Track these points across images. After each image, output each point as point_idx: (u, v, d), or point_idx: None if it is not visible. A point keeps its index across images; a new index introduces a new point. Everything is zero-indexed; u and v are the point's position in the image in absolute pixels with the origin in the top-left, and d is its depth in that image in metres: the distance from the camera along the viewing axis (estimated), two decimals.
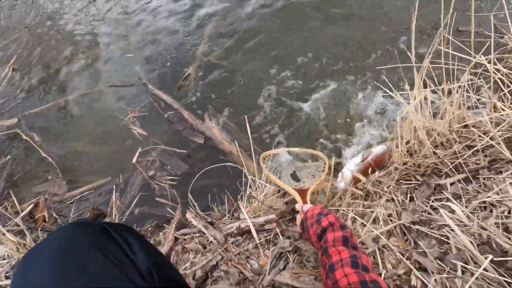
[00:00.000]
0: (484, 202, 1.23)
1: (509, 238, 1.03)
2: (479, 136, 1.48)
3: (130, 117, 2.73)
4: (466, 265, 1.02)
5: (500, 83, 1.59)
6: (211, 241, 1.54)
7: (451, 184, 1.44)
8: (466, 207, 1.27)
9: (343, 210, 1.54)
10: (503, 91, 1.53)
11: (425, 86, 1.57)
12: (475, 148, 1.45)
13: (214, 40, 3.11)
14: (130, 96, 2.92)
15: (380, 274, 1.16)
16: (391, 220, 1.40)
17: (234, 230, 1.54)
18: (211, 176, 2.18)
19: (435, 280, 1.05)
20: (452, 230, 1.18)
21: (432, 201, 1.36)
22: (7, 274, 1.69)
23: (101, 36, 3.72)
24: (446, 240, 1.19)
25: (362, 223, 1.46)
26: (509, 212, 1.13)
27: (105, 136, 2.72)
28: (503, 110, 1.54)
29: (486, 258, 0.97)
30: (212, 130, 2.33)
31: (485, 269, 0.97)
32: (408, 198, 1.52)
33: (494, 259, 0.97)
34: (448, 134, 1.53)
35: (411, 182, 1.58)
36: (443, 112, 1.59)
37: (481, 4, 2.45)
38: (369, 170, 1.74)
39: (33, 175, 2.60)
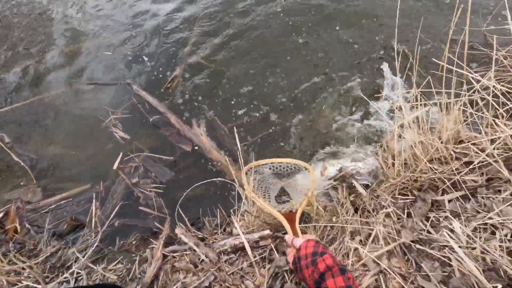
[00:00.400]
0: (485, 223, 1.22)
1: None
2: (476, 153, 1.48)
3: (111, 118, 2.57)
4: None
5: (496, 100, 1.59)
6: (202, 260, 1.45)
7: (449, 201, 1.43)
8: (466, 226, 1.26)
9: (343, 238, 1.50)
10: (498, 109, 1.53)
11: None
12: (472, 165, 1.44)
13: (202, 40, 2.99)
14: (112, 96, 2.75)
15: None
16: (390, 238, 1.37)
17: (227, 247, 1.46)
18: (199, 186, 2.09)
19: None
20: (454, 251, 1.16)
21: (431, 220, 1.34)
22: None
23: (81, 31, 3.49)
24: (448, 261, 1.16)
25: (360, 240, 1.43)
26: None
27: (84, 139, 2.55)
28: (497, 126, 1.55)
29: (494, 287, 0.95)
30: (200, 137, 2.23)
31: None
32: (406, 214, 1.50)
33: None
34: (444, 150, 1.51)
35: (407, 197, 1.56)
36: (440, 127, 1.58)
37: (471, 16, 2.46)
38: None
39: (3, 180, 2.39)
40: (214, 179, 1.99)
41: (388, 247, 1.28)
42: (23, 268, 1.65)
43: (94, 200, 2.10)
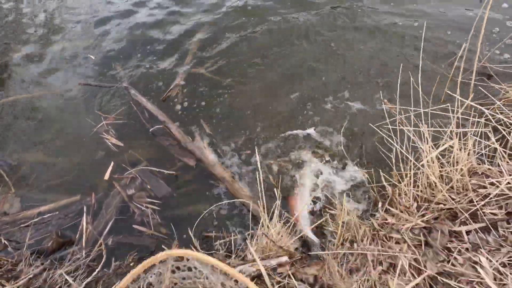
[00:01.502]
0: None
1: None
2: (491, 184, 1.51)
3: (103, 124, 2.38)
4: None
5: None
6: None
7: (467, 232, 1.44)
8: (491, 260, 1.26)
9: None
10: None
11: None
12: (488, 199, 1.46)
13: (204, 49, 2.88)
14: (106, 99, 2.56)
15: None
16: (412, 267, 1.35)
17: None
18: (201, 202, 1.97)
19: None
20: (483, 286, 1.16)
21: (456, 254, 1.34)
22: None
23: (72, 27, 3.26)
24: None
25: (383, 270, 1.40)
26: None
27: (71, 145, 2.34)
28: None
29: None
30: (204, 150, 2.11)
31: None
32: (423, 242, 1.49)
33: None
34: (462, 182, 1.53)
35: (424, 224, 1.56)
36: (456, 158, 1.60)
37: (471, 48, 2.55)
38: None
39: None
40: (228, 201, 1.87)
41: (416, 280, 1.25)
42: None
43: (85, 214, 1.91)
